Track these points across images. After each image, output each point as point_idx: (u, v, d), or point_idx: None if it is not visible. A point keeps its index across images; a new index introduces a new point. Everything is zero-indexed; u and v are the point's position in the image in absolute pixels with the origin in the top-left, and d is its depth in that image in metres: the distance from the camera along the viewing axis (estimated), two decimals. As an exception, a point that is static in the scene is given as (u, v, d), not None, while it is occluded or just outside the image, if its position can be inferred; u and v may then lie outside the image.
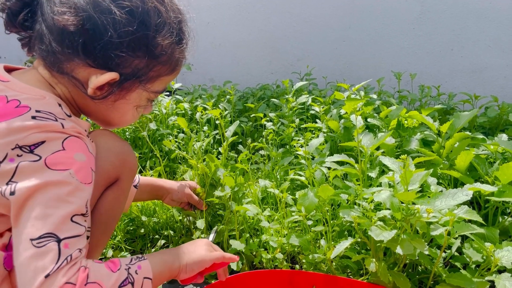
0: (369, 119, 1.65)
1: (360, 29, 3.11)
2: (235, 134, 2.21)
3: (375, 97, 2.06)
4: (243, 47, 3.57)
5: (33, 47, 0.80)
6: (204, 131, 1.96)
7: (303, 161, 1.31)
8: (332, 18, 3.17)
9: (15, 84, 0.75)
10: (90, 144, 0.77)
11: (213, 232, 1.28)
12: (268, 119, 1.98)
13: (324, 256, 1.10)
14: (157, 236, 1.45)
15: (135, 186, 1.20)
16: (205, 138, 1.67)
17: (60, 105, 0.75)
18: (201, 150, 1.47)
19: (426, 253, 1.00)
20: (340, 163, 1.35)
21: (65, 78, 0.79)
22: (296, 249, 1.28)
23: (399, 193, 0.94)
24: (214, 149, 2.00)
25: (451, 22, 2.84)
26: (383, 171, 1.37)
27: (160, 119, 2.09)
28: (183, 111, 2.20)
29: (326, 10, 3.17)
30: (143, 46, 0.78)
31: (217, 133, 1.78)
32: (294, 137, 1.79)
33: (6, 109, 0.70)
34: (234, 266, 1.22)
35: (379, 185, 1.21)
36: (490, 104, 2.15)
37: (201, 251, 0.92)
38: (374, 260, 0.98)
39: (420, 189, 1.25)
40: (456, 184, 1.33)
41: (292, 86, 2.15)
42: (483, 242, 1.02)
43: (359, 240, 1.13)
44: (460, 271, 0.98)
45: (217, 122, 1.64)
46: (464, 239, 1.20)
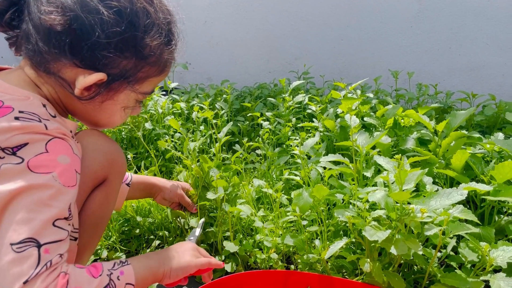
0: (365, 118, 1.64)
1: (358, 28, 3.10)
2: (231, 133, 2.21)
3: (372, 96, 2.05)
4: (240, 46, 3.56)
5: (20, 47, 0.79)
6: (200, 130, 1.96)
7: (299, 160, 1.31)
8: (330, 17, 3.16)
9: None
10: (75, 146, 0.76)
11: (199, 226, 1.26)
12: (264, 118, 1.97)
13: (319, 256, 1.09)
14: (152, 237, 1.44)
15: (128, 184, 1.19)
16: (201, 138, 1.66)
17: (44, 105, 0.74)
18: (196, 150, 1.46)
19: (421, 253, 0.99)
20: (336, 163, 1.34)
21: (51, 78, 0.78)
22: (291, 249, 1.27)
23: (394, 192, 0.93)
24: (211, 149, 2.00)
25: (449, 20, 2.83)
26: (379, 170, 1.36)
27: (156, 118, 2.08)
28: (180, 111, 2.19)
29: (324, 9, 3.16)
30: (131, 46, 0.77)
31: (213, 133, 1.78)
32: (291, 137, 1.79)
33: None
34: (228, 268, 1.22)
35: (375, 185, 1.20)
36: (487, 102, 2.14)
37: (187, 256, 0.91)
38: (368, 260, 0.98)
39: (416, 189, 1.24)
40: (452, 183, 1.32)
41: (289, 85, 2.14)
42: (479, 241, 1.02)
43: (354, 240, 1.13)
44: (455, 271, 0.98)
45: (214, 121, 1.64)
46: (460, 238, 1.20)
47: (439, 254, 1.13)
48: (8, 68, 0.83)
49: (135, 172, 1.81)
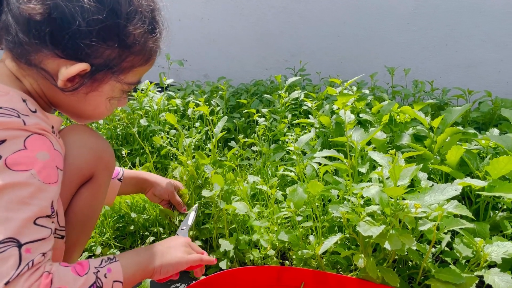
0: (361, 114, 1.64)
1: (354, 25, 3.10)
2: (227, 130, 2.20)
3: (368, 92, 2.05)
4: (237, 42, 3.55)
5: (0, 39, 0.77)
6: (196, 127, 1.95)
7: (294, 156, 1.30)
8: (327, 13, 3.15)
9: None
10: (56, 141, 0.73)
11: (193, 210, 1.24)
12: (260, 115, 1.97)
13: (314, 252, 1.09)
14: (146, 233, 1.43)
15: (120, 180, 1.18)
16: (197, 135, 1.65)
17: (24, 100, 0.72)
18: (191, 146, 1.46)
19: (415, 249, 0.99)
20: (332, 159, 1.34)
21: (33, 70, 0.75)
22: (286, 245, 1.27)
23: (388, 188, 0.93)
24: (206, 146, 1.99)
25: (445, 17, 2.82)
26: (374, 166, 1.36)
27: (151, 115, 2.07)
28: (175, 107, 2.19)
29: (320, 6, 3.15)
30: (114, 35, 0.75)
31: (209, 130, 1.77)
32: (286, 133, 1.78)
33: None
34: (223, 265, 1.21)
35: (369, 181, 1.20)
36: (483, 99, 2.14)
37: (178, 252, 0.90)
38: (362, 255, 0.98)
39: (411, 185, 1.24)
40: (447, 179, 1.32)
41: (285, 81, 2.14)
42: (474, 237, 1.02)
43: (349, 236, 1.12)
44: (450, 267, 0.97)
45: (210, 118, 1.63)
46: (454, 234, 1.20)
47: (433, 250, 1.13)
48: None
49: (130, 169, 1.80)
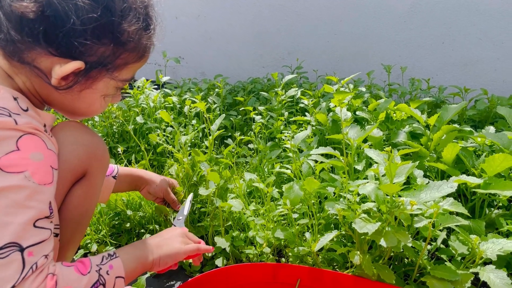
0: (357, 112, 1.64)
1: (351, 23, 3.10)
2: (224, 128, 2.20)
3: (364, 90, 2.05)
4: (234, 40, 3.55)
5: None
6: (192, 124, 1.94)
7: (291, 154, 1.30)
8: (324, 11, 3.15)
9: None
10: (49, 141, 0.72)
11: (188, 200, 1.24)
12: (257, 112, 1.96)
13: (310, 249, 1.09)
14: (142, 230, 1.43)
15: (114, 177, 1.17)
16: (193, 132, 1.65)
17: (16, 98, 0.70)
18: (187, 144, 1.45)
19: (411, 246, 0.99)
20: (328, 156, 1.34)
21: (26, 68, 0.74)
22: (282, 242, 1.27)
23: (384, 185, 0.93)
24: (203, 143, 1.99)
25: (442, 15, 2.82)
26: (370, 164, 1.36)
27: (147, 112, 2.07)
28: (172, 105, 2.18)
29: (317, 4, 3.15)
30: (108, 33, 0.74)
31: (206, 127, 1.77)
32: (283, 131, 1.78)
33: None
34: (219, 263, 1.21)
35: (366, 178, 1.20)
36: (480, 97, 2.15)
37: (175, 243, 0.90)
38: (358, 252, 0.98)
39: (407, 182, 1.24)
40: (443, 176, 1.32)
41: (282, 79, 2.13)
42: (469, 234, 1.02)
43: (345, 233, 1.12)
44: (445, 264, 0.98)
45: (207, 115, 1.62)
46: (450, 232, 1.20)
47: (429, 247, 1.13)
48: None
49: (126, 166, 1.79)
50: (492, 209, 1.22)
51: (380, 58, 3.03)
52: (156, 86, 2.34)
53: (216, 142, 2.12)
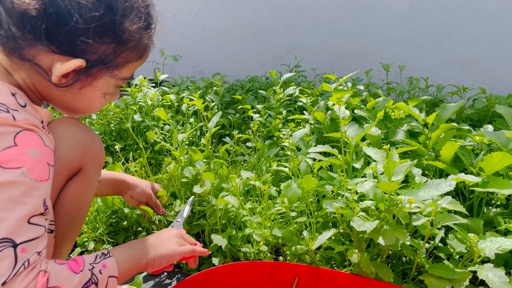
0: (356, 111, 1.64)
1: (350, 21, 3.09)
2: (222, 126, 2.19)
3: (363, 88, 2.05)
4: (232, 38, 3.54)
5: None
6: (190, 123, 1.94)
7: (289, 152, 1.30)
8: (322, 9, 3.14)
9: None
10: (46, 137, 0.72)
11: (189, 203, 1.23)
12: (255, 110, 1.96)
13: (307, 247, 1.09)
14: (140, 229, 1.42)
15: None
16: (190, 130, 1.64)
17: (14, 94, 0.70)
18: (185, 142, 1.45)
19: (409, 244, 0.99)
20: (327, 154, 1.33)
21: (26, 65, 0.74)
22: (280, 241, 1.26)
23: (382, 183, 0.93)
24: (201, 141, 1.98)
25: (441, 14, 2.82)
26: (369, 162, 1.36)
27: (145, 110, 2.06)
28: (169, 103, 2.17)
29: (316, 2, 3.14)
30: (110, 31, 0.74)
31: (204, 125, 1.76)
32: (281, 129, 1.78)
33: None
34: (216, 262, 1.21)
35: (364, 176, 1.20)
36: (478, 96, 2.15)
37: (170, 244, 0.90)
38: (356, 251, 0.97)
39: (405, 180, 1.24)
40: (442, 175, 1.32)
41: (280, 77, 2.13)
42: (467, 233, 1.02)
43: (343, 232, 1.12)
44: (443, 262, 0.97)
45: (205, 114, 1.62)
46: (448, 230, 1.20)
47: (427, 246, 1.13)
48: None
49: (123, 164, 1.79)
50: (490, 207, 1.21)
51: (378, 56, 3.02)
52: (154, 84, 2.34)
53: (214, 140, 2.11)
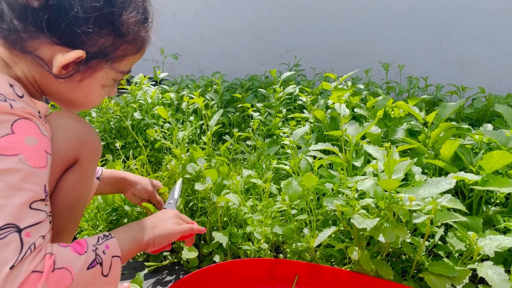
0: (356, 109, 1.64)
1: (350, 21, 3.10)
2: (222, 124, 2.19)
3: (362, 87, 2.05)
4: (232, 37, 3.54)
5: None
6: (190, 121, 1.94)
7: (289, 151, 1.30)
8: (322, 8, 3.15)
9: None
10: (42, 126, 0.74)
11: (177, 185, 1.23)
12: (255, 109, 1.96)
13: (308, 244, 1.09)
14: (140, 226, 1.42)
15: (98, 178, 1.17)
16: (190, 128, 1.65)
17: (12, 85, 0.72)
18: (185, 140, 1.45)
19: (409, 241, 0.99)
20: (327, 153, 1.34)
21: (27, 58, 0.76)
22: (280, 238, 1.27)
23: (382, 181, 0.93)
24: (201, 139, 1.98)
25: (440, 14, 2.83)
26: (369, 161, 1.36)
27: (145, 108, 2.06)
28: (169, 101, 2.17)
29: (316, 1, 3.14)
30: (109, 23, 0.76)
31: (204, 123, 1.76)
32: (281, 127, 1.78)
33: None
34: (217, 258, 1.21)
35: (364, 174, 1.20)
36: (477, 95, 2.15)
37: (169, 224, 0.93)
38: (356, 248, 0.98)
39: (405, 179, 1.24)
40: (441, 173, 1.33)
41: (280, 76, 2.13)
42: (467, 231, 1.02)
43: (343, 229, 1.13)
44: (443, 260, 0.98)
45: (205, 112, 1.62)
46: (448, 228, 1.20)
47: (427, 244, 1.13)
48: None
49: (123, 162, 1.79)
50: (490, 206, 1.22)
51: (378, 56, 3.03)
52: (153, 83, 2.34)
53: (214, 139, 2.12)
